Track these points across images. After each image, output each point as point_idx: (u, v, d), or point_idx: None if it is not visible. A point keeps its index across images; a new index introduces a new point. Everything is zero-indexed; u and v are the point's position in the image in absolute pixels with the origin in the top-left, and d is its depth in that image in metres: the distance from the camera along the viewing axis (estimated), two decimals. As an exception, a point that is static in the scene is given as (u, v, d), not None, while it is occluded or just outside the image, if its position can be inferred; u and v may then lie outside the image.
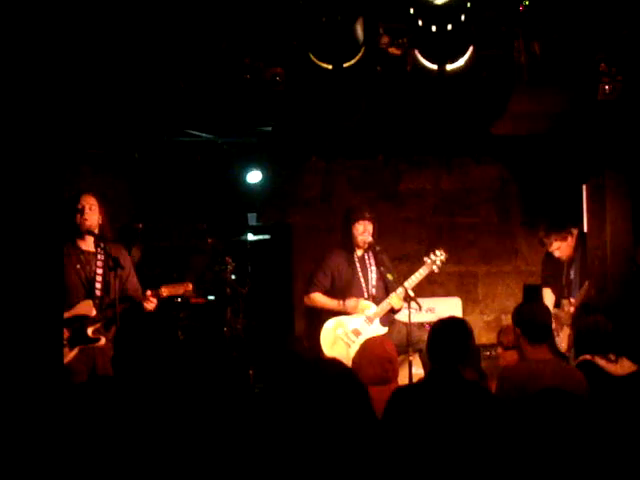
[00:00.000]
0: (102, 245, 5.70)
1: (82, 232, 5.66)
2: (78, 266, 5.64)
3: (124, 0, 4.87)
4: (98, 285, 5.69)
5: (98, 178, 7.96)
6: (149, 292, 5.80)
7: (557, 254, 7.01)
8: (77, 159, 7.56)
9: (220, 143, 7.77)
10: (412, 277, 6.73)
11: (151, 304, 5.76)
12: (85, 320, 5.55)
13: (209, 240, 7.73)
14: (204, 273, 7.68)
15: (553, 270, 7.21)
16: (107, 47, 5.12)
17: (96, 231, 5.68)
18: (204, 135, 7.57)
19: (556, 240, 6.94)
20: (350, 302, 6.70)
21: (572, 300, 6.85)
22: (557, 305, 7.09)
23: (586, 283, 6.80)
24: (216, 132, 7.57)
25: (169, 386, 3.46)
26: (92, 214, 5.67)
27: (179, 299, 7.15)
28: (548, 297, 7.24)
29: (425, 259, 6.86)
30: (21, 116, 3.62)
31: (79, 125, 6.21)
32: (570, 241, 6.97)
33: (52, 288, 3.57)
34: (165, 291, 5.88)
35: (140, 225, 7.34)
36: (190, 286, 6.05)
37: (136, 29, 5.07)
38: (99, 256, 5.74)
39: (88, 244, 5.72)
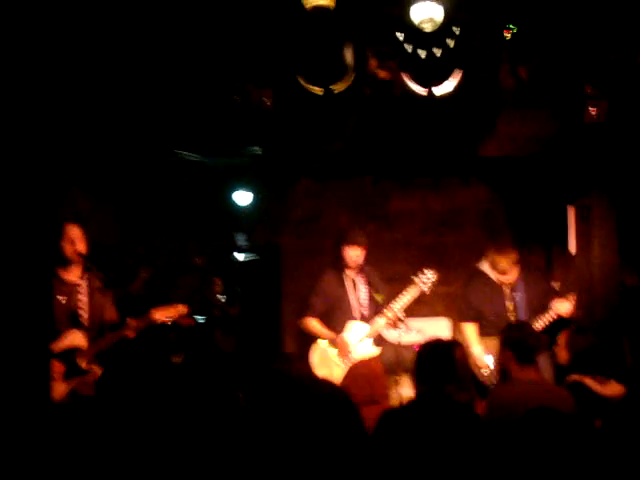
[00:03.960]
0: (91, 270, 5.63)
1: (68, 262, 5.55)
2: (60, 298, 5.49)
3: (116, 22, 4.89)
4: (84, 315, 5.57)
5: (87, 199, 7.96)
6: (131, 321, 5.63)
7: (511, 275, 6.63)
8: (66, 180, 7.56)
9: (209, 164, 7.79)
10: (402, 298, 6.74)
11: (132, 333, 5.55)
12: (77, 352, 5.40)
13: (198, 260, 7.74)
14: (193, 294, 7.69)
15: (489, 298, 6.74)
16: (98, 70, 5.14)
17: (83, 262, 5.60)
18: (193, 156, 7.58)
19: (514, 256, 6.56)
20: (340, 341, 6.69)
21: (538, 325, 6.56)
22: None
23: (553, 306, 6.55)
24: (205, 153, 7.59)
25: (158, 407, 3.46)
26: (81, 244, 5.58)
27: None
28: (472, 332, 6.74)
29: (415, 279, 6.84)
30: (12, 137, 3.63)
31: (68, 146, 6.22)
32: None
33: (40, 316, 3.55)
34: (157, 314, 5.70)
35: (142, 250, 7.31)
36: (185, 309, 5.86)
37: (126, 52, 5.10)
38: (83, 284, 5.63)
39: (71, 274, 5.60)
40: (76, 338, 5.46)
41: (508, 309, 6.67)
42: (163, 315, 5.71)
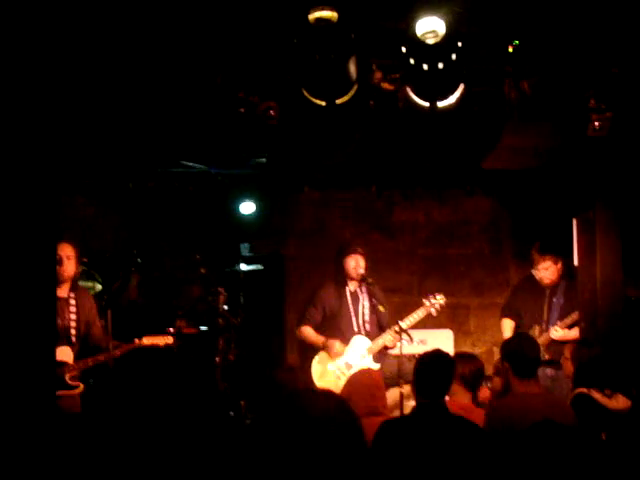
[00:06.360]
0: (94, 277, 5.69)
1: (58, 281, 5.54)
2: None
3: (120, 32, 4.92)
4: (72, 329, 5.62)
5: (92, 208, 8.00)
6: (115, 344, 5.71)
7: (544, 274, 7.00)
8: (71, 189, 7.60)
9: (214, 174, 7.81)
10: (409, 318, 6.76)
11: (117, 355, 5.67)
12: (63, 366, 5.47)
13: (202, 270, 7.75)
14: (197, 303, 7.69)
15: (531, 299, 7.17)
16: (104, 79, 5.17)
17: (72, 279, 5.65)
18: (198, 166, 7.61)
19: (550, 260, 6.97)
20: (329, 343, 6.71)
21: (558, 325, 6.82)
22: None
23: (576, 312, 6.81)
24: (210, 163, 7.62)
25: (160, 416, 3.48)
26: (70, 264, 5.60)
27: (171, 329, 7.16)
28: (508, 328, 7.24)
29: (424, 301, 6.91)
30: (17, 146, 3.65)
31: (74, 155, 6.25)
32: (559, 266, 7.01)
33: (45, 323, 3.57)
34: (143, 341, 5.84)
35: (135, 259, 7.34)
36: (171, 340, 6.02)
37: (132, 62, 5.13)
38: (71, 301, 5.67)
39: (61, 290, 5.61)
40: (64, 353, 5.49)
41: (543, 310, 7.00)
42: (149, 342, 5.84)
